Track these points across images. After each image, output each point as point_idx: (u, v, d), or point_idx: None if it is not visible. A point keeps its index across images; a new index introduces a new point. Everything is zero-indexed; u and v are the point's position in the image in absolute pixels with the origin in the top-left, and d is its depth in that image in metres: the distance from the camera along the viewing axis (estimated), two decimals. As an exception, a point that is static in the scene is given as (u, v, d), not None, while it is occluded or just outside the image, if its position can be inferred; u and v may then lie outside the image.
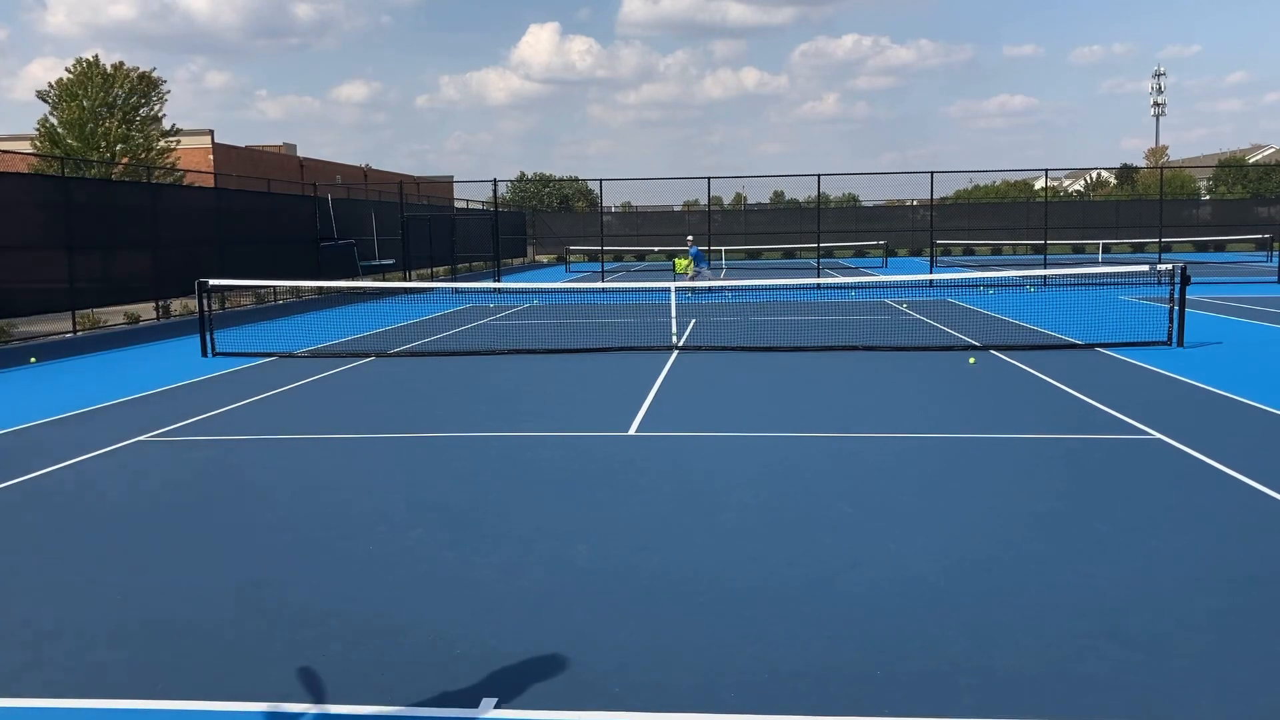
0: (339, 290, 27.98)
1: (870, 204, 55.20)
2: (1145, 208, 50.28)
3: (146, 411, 10.43)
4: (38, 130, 31.90)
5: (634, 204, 59.50)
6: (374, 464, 8.17)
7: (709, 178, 32.99)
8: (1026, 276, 28.91)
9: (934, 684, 4.06)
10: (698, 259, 28.10)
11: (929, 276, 29.41)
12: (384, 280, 32.33)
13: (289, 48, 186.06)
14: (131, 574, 5.59)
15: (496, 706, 3.94)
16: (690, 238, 29.12)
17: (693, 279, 27.04)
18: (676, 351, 14.87)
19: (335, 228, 31.13)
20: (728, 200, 61.13)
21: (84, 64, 32.33)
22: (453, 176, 57.37)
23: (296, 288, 28.36)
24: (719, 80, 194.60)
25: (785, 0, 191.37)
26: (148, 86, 33.41)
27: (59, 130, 31.70)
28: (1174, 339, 14.54)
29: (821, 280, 28.63)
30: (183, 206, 24.37)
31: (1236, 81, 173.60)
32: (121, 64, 32.95)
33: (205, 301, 15.89)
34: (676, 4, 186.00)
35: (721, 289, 26.01)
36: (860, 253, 52.48)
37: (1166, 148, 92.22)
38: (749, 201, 60.85)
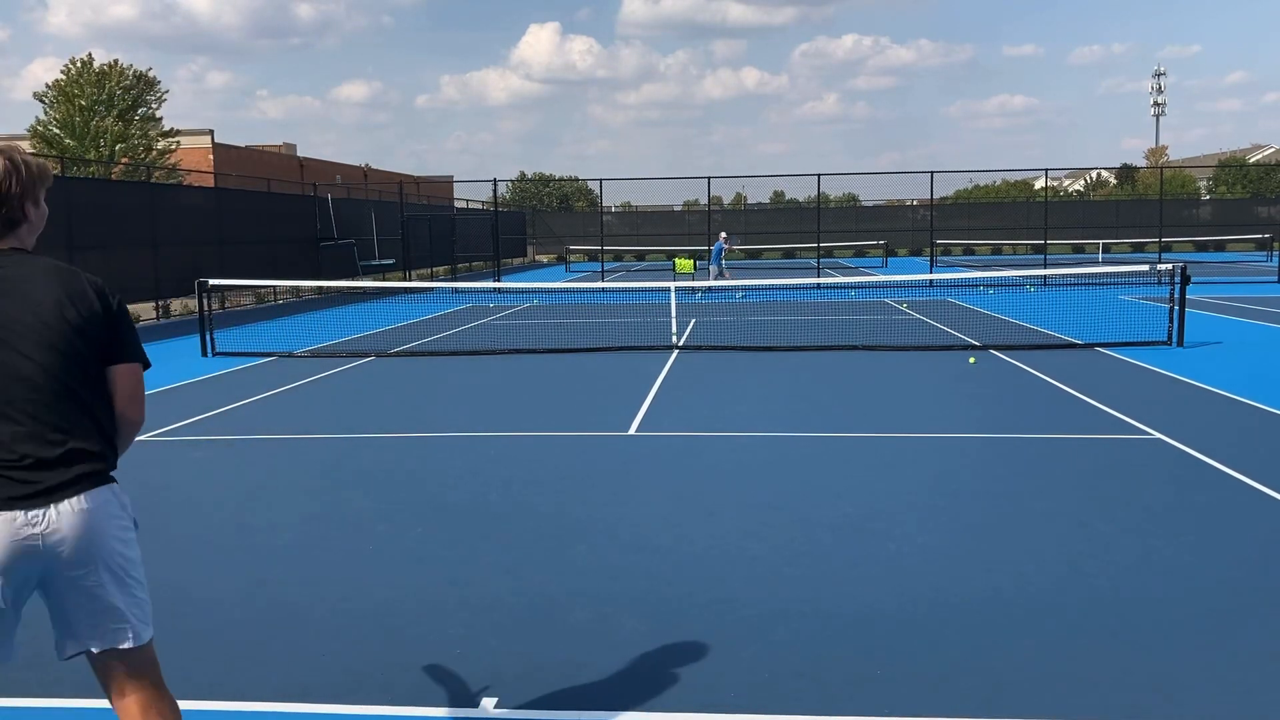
0: (339, 290, 27.97)
1: (870, 204, 55.20)
2: (1145, 208, 50.23)
3: (148, 411, 10.40)
4: (29, 132, 31.94)
5: (634, 204, 59.53)
6: (374, 464, 8.17)
7: (709, 178, 33.01)
8: (1026, 276, 28.90)
9: (934, 684, 4.06)
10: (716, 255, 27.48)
11: (929, 276, 29.40)
12: (384, 280, 32.33)
13: (290, 48, 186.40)
14: (131, 574, 5.58)
15: (496, 707, 3.94)
16: (723, 234, 28.45)
17: (717, 274, 26.79)
18: (676, 351, 14.87)
19: (335, 228, 31.13)
20: (728, 200, 61.12)
21: (79, 64, 32.36)
22: (453, 176, 57.35)
23: (296, 288, 28.35)
24: (719, 80, 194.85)
25: (785, 0, 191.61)
26: (145, 86, 33.42)
27: (54, 130, 31.71)
28: (1174, 339, 14.54)
29: (821, 280, 28.62)
30: (182, 206, 24.36)
31: (1236, 81, 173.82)
32: (116, 62, 32.97)
33: (205, 301, 15.89)
34: (677, 4, 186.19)
35: (730, 289, 25.96)
36: (860, 252, 52.47)
37: (1166, 148, 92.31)
38: (749, 201, 60.85)
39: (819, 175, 32.03)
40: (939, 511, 6.53)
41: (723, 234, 28.39)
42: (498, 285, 28.09)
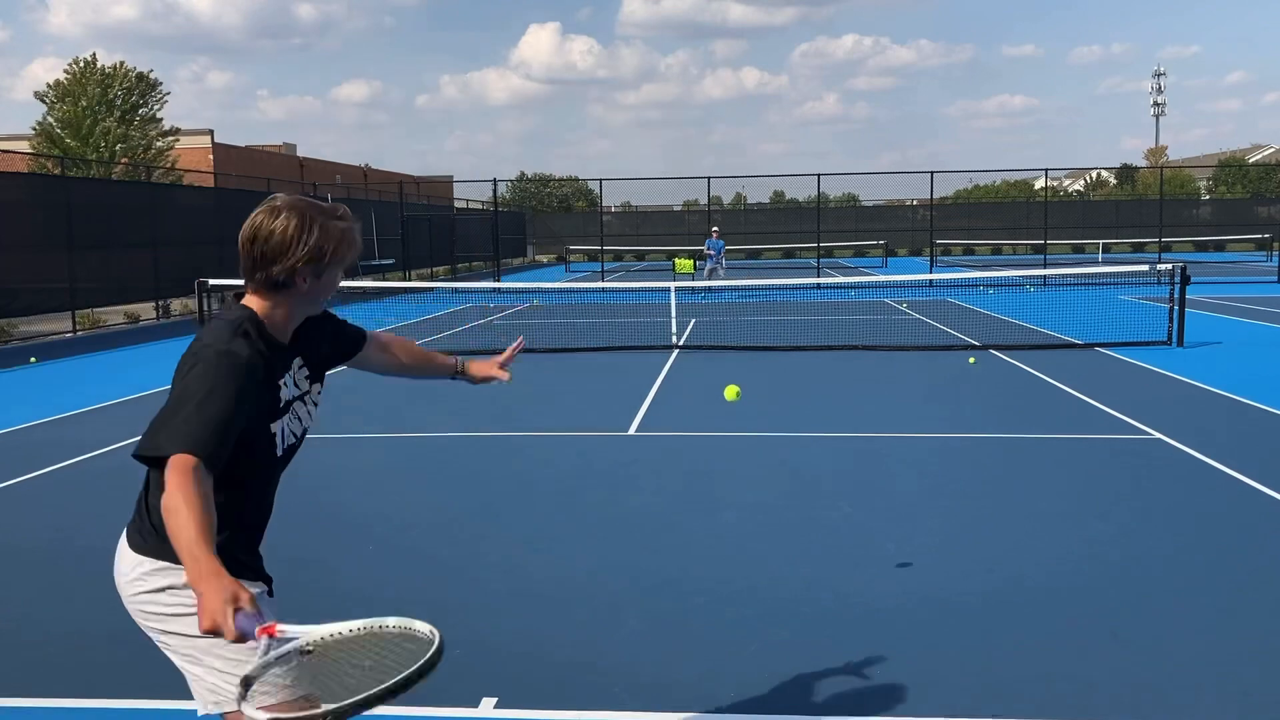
0: (339, 290, 27.90)
1: (870, 204, 55.20)
2: (1145, 208, 50.21)
3: (147, 411, 10.39)
4: (34, 130, 31.93)
5: (634, 204, 59.50)
6: (373, 464, 8.17)
7: (709, 178, 33.05)
8: (1026, 276, 28.90)
9: (934, 684, 4.06)
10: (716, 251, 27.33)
11: (929, 276, 29.40)
12: (384, 280, 32.32)
13: (291, 48, 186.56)
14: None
15: (496, 706, 3.93)
16: (715, 229, 28.49)
17: (709, 273, 26.83)
18: (676, 351, 14.87)
19: (335, 227, 31.06)
20: (728, 200, 61.11)
21: (82, 63, 32.36)
22: (453, 176, 57.38)
23: (296, 288, 28.30)
24: (719, 80, 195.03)
25: (786, 1, 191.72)
26: (146, 87, 33.44)
27: (56, 130, 31.71)
28: (1174, 339, 14.54)
29: (821, 280, 28.61)
30: (182, 206, 24.36)
31: (1236, 81, 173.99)
32: (121, 63, 32.99)
33: (205, 301, 15.89)
34: (677, 4, 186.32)
35: (725, 288, 25.94)
36: (860, 252, 52.45)
37: (1166, 148, 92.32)
38: (749, 201, 60.84)
39: (819, 175, 32.08)
40: (939, 511, 6.53)
41: (715, 230, 28.29)
42: (498, 285, 28.08)
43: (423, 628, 2.04)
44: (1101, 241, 44.62)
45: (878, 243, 48.22)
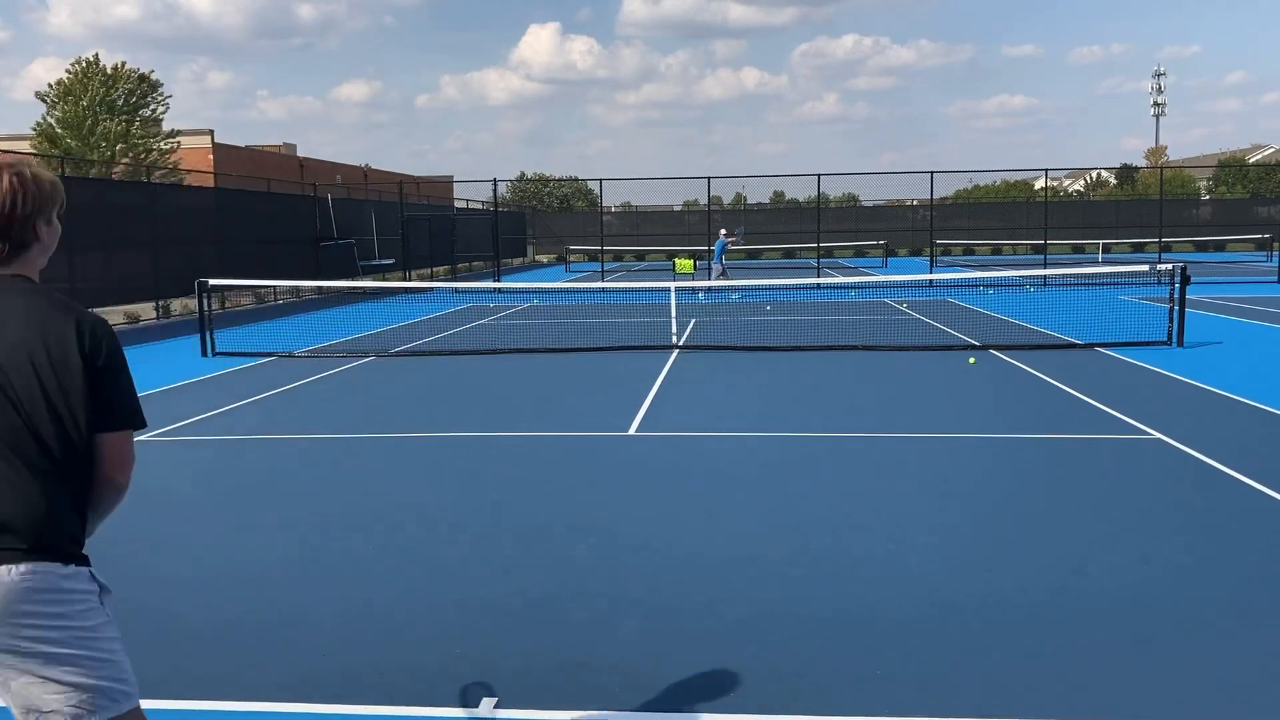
0: (339, 290, 27.95)
1: (870, 204, 55.19)
2: (1145, 208, 50.18)
3: (146, 411, 10.39)
4: (34, 130, 31.94)
5: (634, 204, 59.50)
6: (373, 464, 8.17)
7: (709, 178, 33.02)
8: (1026, 276, 28.89)
9: (934, 684, 4.06)
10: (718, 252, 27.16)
11: (929, 276, 29.38)
12: (384, 280, 32.32)
13: (291, 48, 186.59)
14: (130, 574, 5.58)
15: (496, 707, 3.94)
16: (723, 230, 28.45)
17: (719, 274, 26.76)
18: (676, 351, 14.87)
19: (335, 228, 31.11)
20: (728, 200, 61.05)
21: (84, 64, 32.38)
22: (453, 176, 57.31)
23: (296, 288, 28.34)
24: (719, 80, 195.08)
25: (786, 0, 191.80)
26: (148, 88, 33.47)
27: (57, 130, 31.72)
28: (1174, 339, 14.54)
29: (821, 280, 28.61)
30: (182, 206, 24.35)
31: (1236, 81, 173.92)
32: (123, 64, 33.02)
33: (205, 301, 15.89)
34: (677, 4, 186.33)
35: (725, 289, 25.91)
36: (860, 253, 52.45)
37: (1166, 147, 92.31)
38: (749, 201, 60.81)
39: (819, 175, 32.08)
40: (939, 512, 6.53)
41: (723, 230, 28.27)
42: (498, 285, 28.09)
43: None
44: (1101, 241, 44.60)
45: (878, 243, 48.20)
